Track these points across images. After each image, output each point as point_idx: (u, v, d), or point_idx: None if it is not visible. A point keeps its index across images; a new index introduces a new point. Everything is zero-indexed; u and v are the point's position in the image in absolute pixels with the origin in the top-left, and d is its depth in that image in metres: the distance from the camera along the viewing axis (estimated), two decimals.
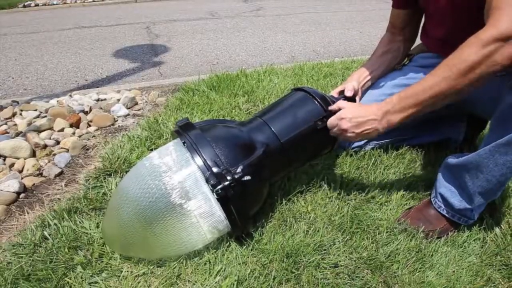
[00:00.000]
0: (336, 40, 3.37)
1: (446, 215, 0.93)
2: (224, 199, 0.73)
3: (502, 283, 0.82)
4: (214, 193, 0.73)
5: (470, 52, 0.68)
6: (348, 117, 0.85)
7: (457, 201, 0.90)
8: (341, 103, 0.92)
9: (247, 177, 0.74)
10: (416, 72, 1.10)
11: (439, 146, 1.27)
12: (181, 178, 0.74)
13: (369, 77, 1.12)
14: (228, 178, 0.73)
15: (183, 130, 0.82)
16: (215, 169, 0.74)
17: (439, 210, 0.95)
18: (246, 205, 0.79)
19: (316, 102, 0.94)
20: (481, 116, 1.10)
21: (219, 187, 0.72)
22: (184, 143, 0.79)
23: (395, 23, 1.14)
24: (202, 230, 0.76)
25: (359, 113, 0.84)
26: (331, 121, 0.90)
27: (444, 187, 0.93)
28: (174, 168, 0.76)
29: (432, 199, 0.97)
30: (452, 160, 0.91)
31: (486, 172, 0.81)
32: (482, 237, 0.94)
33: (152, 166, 0.77)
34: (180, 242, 0.76)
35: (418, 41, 1.19)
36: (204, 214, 0.74)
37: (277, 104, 0.99)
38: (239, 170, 0.74)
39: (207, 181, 0.73)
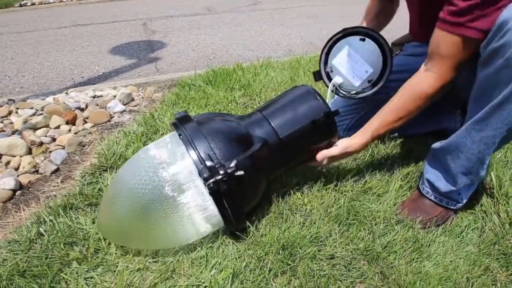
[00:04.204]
0: (334, 33, 3.33)
1: (434, 200, 0.94)
2: (216, 193, 0.73)
3: (500, 272, 0.81)
4: (207, 187, 0.72)
5: (420, 103, 0.87)
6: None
7: (443, 185, 0.92)
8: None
9: (240, 172, 0.73)
10: (407, 60, 1.10)
11: (436, 136, 1.26)
12: (175, 171, 0.74)
13: None
14: (221, 172, 0.72)
15: (180, 122, 0.82)
16: (208, 163, 0.73)
17: (427, 195, 0.95)
18: (239, 201, 0.78)
19: (318, 98, 0.92)
20: None
21: (211, 180, 0.71)
22: (180, 135, 0.79)
23: None
24: (195, 224, 0.75)
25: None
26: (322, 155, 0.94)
27: (430, 172, 0.95)
28: (168, 160, 0.75)
29: (420, 186, 0.98)
30: (436, 145, 0.93)
31: (465, 151, 0.84)
32: (481, 226, 0.93)
33: (147, 157, 0.78)
34: (173, 235, 0.76)
35: (404, 31, 1.20)
36: (197, 208, 0.74)
37: (278, 99, 0.97)
38: (232, 164, 0.73)
39: (199, 174, 0.73)
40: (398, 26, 1.22)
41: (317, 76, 1.04)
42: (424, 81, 0.85)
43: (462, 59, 0.79)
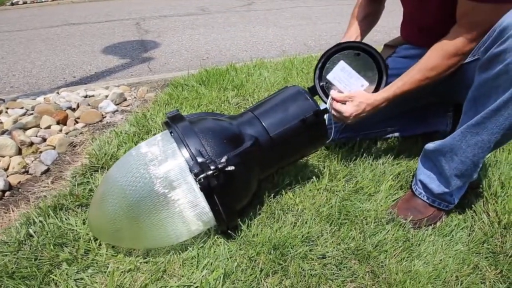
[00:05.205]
0: (327, 34, 3.35)
1: (427, 201, 0.94)
2: (207, 189, 0.73)
3: (489, 270, 0.82)
4: (197, 182, 0.72)
5: (448, 63, 0.87)
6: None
7: (436, 186, 0.92)
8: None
9: (230, 167, 0.73)
10: (400, 62, 1.11)
11: (428, 137, 1.27)
12: (166, 167, 0.74)
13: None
14: (212, 167, 0.72)
15: (172, 121, 0.82)
16: (199, 159, 0.73)
17: (419, 196, 0.96)
18: (230, 197, 0.78)
19: (308, 97, 0.93)
20: None
21: (202, 176, 0.71)
22: (171, 133, 0.79)
23: None
24: (186, 221, 0.75)
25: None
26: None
27: (423, 173, 0.95)
28: (160, 157, 0.75)
29: (412, 187, 0.99)
30: (429, 146, 0.93)
31: (460, 154, 0.84)
32: (470, 225, 0.94)
33: (139, 155, 0.78)
34: (164, 232, 0.75)
35: (395, 31, 1.20)
36: (188, 204, 0.74)
37: (269, 99, 0.98)
38: (223, 160, 0.74)
39: (190, 170, 0.73)
40: (390, 27, 1.23)
41: (312, 91, 1.04)
42: (452, 43, 0.85)
43: (492, 24, 0.76)
